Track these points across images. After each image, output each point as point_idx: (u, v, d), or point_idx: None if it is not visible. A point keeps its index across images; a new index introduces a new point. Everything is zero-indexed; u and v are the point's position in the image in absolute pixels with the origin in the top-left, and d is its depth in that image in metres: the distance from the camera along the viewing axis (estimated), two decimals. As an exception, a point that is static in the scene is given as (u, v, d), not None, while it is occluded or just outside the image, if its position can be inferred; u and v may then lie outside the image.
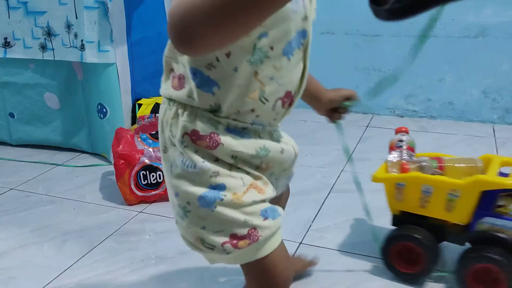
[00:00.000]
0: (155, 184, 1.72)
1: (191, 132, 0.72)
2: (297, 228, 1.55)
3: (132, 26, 2.01)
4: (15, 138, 2.34)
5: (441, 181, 1.17)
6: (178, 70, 0.74)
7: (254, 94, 0.72)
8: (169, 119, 0.75)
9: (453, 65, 2.48)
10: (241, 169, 0.76)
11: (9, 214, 1.73)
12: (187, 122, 0.72)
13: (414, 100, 2.60)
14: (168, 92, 0.76)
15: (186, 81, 0.72)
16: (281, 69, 0.73)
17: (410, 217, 1.25)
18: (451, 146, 2.20)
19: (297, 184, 1.86)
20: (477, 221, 1.15)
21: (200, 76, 0.70)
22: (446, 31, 2.44)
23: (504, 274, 1.09)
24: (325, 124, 2.54)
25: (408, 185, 1.22)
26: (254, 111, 0.74)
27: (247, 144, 0.75)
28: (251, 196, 0.75)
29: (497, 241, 1.12)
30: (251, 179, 0.76)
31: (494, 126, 2.46)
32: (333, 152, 2.12)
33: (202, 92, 0.71)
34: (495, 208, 1.13)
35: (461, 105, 2.53)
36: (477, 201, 1.14)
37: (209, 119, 0.72)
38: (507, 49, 2.37)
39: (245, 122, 0.74)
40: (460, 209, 1.16)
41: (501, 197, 1.13)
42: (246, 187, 0.75)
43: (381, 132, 2.40)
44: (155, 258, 1.42)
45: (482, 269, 1.12)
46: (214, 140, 0.72)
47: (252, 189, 0.76)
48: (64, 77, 2.14)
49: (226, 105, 0.71)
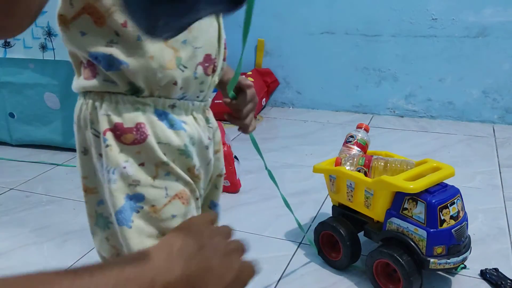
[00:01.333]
0: (155, 184, 1.72)
1: (114, 127, 0.64)
2: (297, 228, 1.55)
3: (132, 26, 2.01)
4: (15, 138, 2.34)
5: (357, 178, 1.25)
6: (85, 59, 0.66)
7: (170, 63, 0.65)
8: (87, 115, 0.66)
9: (453, 65, 2.48)
10: (171, 173, 0.68)
11: (9, 214, 1.73)
12: (108, 114, 0.65)
13: (414, 100, 2.60)
14: (82, 84, 0.67)
15: (97, 67, 0.65)
16: (193, 29, 0.66)
17: (344, 209, 1.36)
18: (451, 146, 2.20)
19: (297, 184, 1.86)
20: (387, 220, 1.21)
21: (103, 58, 0.63)
22: (446, 31, 2.44)
23: (399, 270, 1.17)
24: (325, 124, 2.55)
25: (337, 178, 1.33)
26: (177, 84, 0.67)
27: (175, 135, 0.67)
28: (172, 209, 0.68)
29: (399, 241, 1.19)
30: (179, 187, 0.69)
31: (494, 126, 2.46)
32: (333, 152, 2.11)
33: (114, 74, 0.63)
34: (403, 211, 1.18)
35: (461, 105, 2.53)
36: (389, 201, 1.20)
37: (132, 104, 0.65)
38: (507, 49, 2.37)
39: (172, 98, 0.68)
40: (374, 207, 1.24)
41: (407, 200, 1.17)
42: (169, 198, 0.68)
43: (381, 132, 2.40)
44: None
45: (382, 263, 1.22)
46: (141, 132, 0.65)
47: (176, 200, 0.68)
48: (64, 77, 2.14)
49: (143, 81, 0.64)
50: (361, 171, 1.28)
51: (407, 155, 1.40)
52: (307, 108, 2.81)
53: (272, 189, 1.84)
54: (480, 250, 1.38)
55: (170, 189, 0.68)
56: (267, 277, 1.31)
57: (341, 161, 1.33)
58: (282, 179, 1.92)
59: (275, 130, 2.54)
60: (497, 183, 1.84)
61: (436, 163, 1.25)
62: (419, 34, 2.49)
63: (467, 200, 1.70)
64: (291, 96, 2.84)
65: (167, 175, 0.68)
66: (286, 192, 1.84)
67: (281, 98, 2.87)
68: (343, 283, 1.29)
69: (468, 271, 1.29)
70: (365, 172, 1.27)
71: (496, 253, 1.40)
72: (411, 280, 1.15)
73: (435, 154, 2.10)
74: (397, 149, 2.18)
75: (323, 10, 2.62)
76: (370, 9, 2.54)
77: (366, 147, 1.40)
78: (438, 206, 1.13)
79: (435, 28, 2.45)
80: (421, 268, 1.16)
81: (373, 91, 2.63)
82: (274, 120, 2.67)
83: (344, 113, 2.71)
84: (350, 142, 1.39)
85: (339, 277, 1.31)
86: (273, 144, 2.29)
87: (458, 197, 1.19)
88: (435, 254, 1.14)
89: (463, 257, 1.17)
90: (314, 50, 2.70)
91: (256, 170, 1.98)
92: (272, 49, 2.79)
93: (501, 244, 1.45)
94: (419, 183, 1.14)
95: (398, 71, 2.58)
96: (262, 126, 2.56)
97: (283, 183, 1.88)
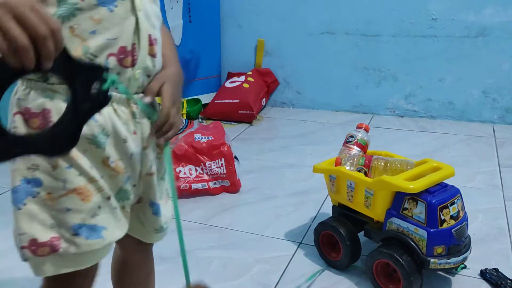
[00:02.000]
0: (155, 184, 1.72)
1: (23, 111, 0.67)
2: (297, 228, 1.55)
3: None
4: (15, 138, 2.34)
5: (357, 178, 1.25)
6: None
7: (76, 51, 0.65)
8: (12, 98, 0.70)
9: (453, 65, 2.48)
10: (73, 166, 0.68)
11: (9, 214, 1.72)
12: (20, 98, 0.68)
13: (414, 100, 2.60)
14: None
15: None
16: (103, 21, 0.67)
17: (344, 209, 1.35)
18: (451, 146, 2.20)
19: (297, 184, 1.86)
20: (388, 220, 1.20)
21: None
22: (446, 31, 2.44)
23: (399, 270, 1.16)
24: (325, 124, 2.55)
25: (337, 178, 1.32)
26: None
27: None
28: (68, 202, 0.68)
29: (399, 241, 1.19)
30: (80, 182, 0.68)
31: (494, 126, 2.46)
32: (333, 152, 2.11)
33: None
34: (403, 211, 1.17)
35: (461, 105, 2.53)
36: (389, 201, 1.20)
37: (44, 90, 0.67)
38: (507, 49, 2.37)
39: None
40: (374, 207, 1.23)
41: (407, 200, 1.16)
42: (65, 191, 0.68)
43: (381, 132, 2.40)
44: (155, 258, 1.42)
45: (382, 263, 1.22)
46: (46, 118, 0.66)
47: (74, 195, 0.68)
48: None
49: None
50: (361, 171, 1.27)
51: (407, 155, 1.40)
52: (307, 108, 2.81)
53: (272, 189, 1.85)
54: (480, 250, 1.38)
55: (68, 183, 0.68)
56: (267, 277, 1.31)
57: (341, 161, 1.32)
58: (282, 179, 1.92)
59: (275, 130, 2.54)
60: (497, 183, 1.84)
61: (436, 163, 1.25)
62: (419, 34, 2.49)
63: (467, 200, 1.70)
64: (291, 96, 2.84)
65: (68, 168, 0.68)
66: (286, 192, 1.85)
67: (281, 98, 2.87)
68: (343, 283, 1.29)
69: (468, 271, 1.29)
70: (365, 172, 1.27)
71: (496, 253, 1.40)
72: (411, 280, 1.15)
73: (435, 154, 2.10)
74: (397, 149, 2.18)
75: (323, 10, 2.62)
76: (370, 9, 2.54)
77: (366, 147, 1.40)
78: (439, 206, 1.12)
79: (435, 28, 2.45)
80: (421, 268, 1.16)
81: (373, 91, 2.63)
82: (274, 120, 2.67)
83: (344, 113, 2.71)
84: (350, 142, 1.39)
85: (339, 277, 1.31)
86: (273, 144, 2.29)
87: (458, 197, 1.19)
88: (435, 254, 1.14)
89: (463, 257, 1.17)
90: (314, 50, 2.70)
91: (256, 170, 1.99)
92: (272, 49, 2.79)
93: (501, 244, 1.45)
94: (419, 183, 1.14)
95: (398, 71, 2.58)
96: (262, 126, 2.56)
97: (283, 183, 1.88)
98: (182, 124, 1.91)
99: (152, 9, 0.75)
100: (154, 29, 0.74)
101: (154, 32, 0.74)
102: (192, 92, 2.69)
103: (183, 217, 1.64)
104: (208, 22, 2.68)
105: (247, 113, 2.53)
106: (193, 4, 2.56)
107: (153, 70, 0.75)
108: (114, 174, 0.73)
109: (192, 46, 2.59)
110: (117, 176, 0.73)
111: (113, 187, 0.74)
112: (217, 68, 2.84)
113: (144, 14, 0.71)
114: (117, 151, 0.72)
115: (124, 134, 0.72)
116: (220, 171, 1.76)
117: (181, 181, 1.73)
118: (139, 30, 0.71)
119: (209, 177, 1.77)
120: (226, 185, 1.78)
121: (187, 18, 2.53)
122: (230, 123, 2.55)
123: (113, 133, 0.71)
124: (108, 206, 0.73)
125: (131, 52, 0.70)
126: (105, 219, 0.73)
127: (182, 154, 1.74)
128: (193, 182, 1.75)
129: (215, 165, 1.75)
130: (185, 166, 1.75)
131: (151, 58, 0.74)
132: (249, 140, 2.35)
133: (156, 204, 0.82)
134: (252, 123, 2.56)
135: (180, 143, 1.76)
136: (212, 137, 1.78)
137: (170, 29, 2.37)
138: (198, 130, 1.84)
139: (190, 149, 1.75)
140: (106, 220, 0.73)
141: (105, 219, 0.72)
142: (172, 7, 2.39)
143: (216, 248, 1.46)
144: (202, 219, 1.61)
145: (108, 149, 0.71)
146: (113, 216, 0.74)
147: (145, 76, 0.74)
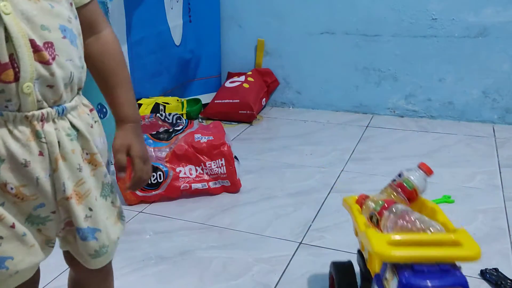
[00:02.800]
0: (155, 184, 1.71)
1: None
2: (297, 228, 1.55)
3: (132, 26, 2.01)
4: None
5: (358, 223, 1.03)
6: None
7: None
8: None
9: (453, 65, 2.48)
10: None
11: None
12: None
13: (414, 100, 2.60)
14: None
15: None
16: None
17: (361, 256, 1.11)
18: (451, 146, 2.20)
19: (297, 184, 1.86)
20: (373, 284, 0.98)
21: None
22: (446, 31, 2.44)
23: None
24: (325, 124, 2.55)
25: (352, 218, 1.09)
26: None
27: None
28: None
29: None
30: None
31: (494, 126, 2.46)
32: (333, 152, 2.12)
33: None
34: (384, 279, 0.92)
35: (461, 105, 2.53)
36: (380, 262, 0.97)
37: None
38: (507, 49, 2.37)
39: None
40: (370, 261, 1.04)
41: (389, 269, 0.90)
42: None
43: (381, 132, 2.40)
44: (155, 258, 1.42)
45: None
46: None
47: None
48: None
49: None
50: (373, 218, 1.03)
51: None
52: (307, 108, 2.81)
53: (272, 189, 1.85)
54: (480, 250, 1.38)
55: None
56: (267, 277, 1.31)
57: (365, 200, 1.10)
58: (282, 179, 1.92)
59: (275, 130, 2.54)
60: (497, 183, 1.84)
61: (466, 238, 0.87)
62: (419, 34, 2.49)
63: (467, 200, 1.70)
64: (291, 96, 2.84)
65: None
66: (286, 192, 1.86)
67: (281, 98, 2.87)
68: (343, 283, 1.29)
69: (468, 271, 1.29)
70: (377, 220, 1.03)
71: (496, 253, 1.40)
72: None
73: (435, 154, 2.10)
74: (397, 149, 2.19)
75: (323, 10, 2.62)
76: (370, 9, 2.54)
77: (413, 193, 1.09)
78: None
79: (435, 28, 2.45)
80: None
81: (373, 91, 2.63)
82: (274, 120, 2.67)
83: (344, 113, 2.71)
84: (394, 181, 1.11)
85: (339, 277, 1.31)
86: (273, 144, 2.29)
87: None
88: None
89: None
90: (314, 50, 2.70)
91: (256, 170, 1.99)
92: (272, 49, 2.79)
93: (501, 244, 1.45)
94: (403, 250, 0.84)
95: (398, 71, 2.59)
96: (262, 126, 2.56)
97: (283, 183, 1.88)
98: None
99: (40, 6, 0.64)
100: (43, 30, 0.64)
101: (43, 34, 0.64)
102: (192, 92, 2.69)
103: (183, 217, 1.64)
104: (208, 22, 2.68)
105: (247, 113, 2.53)
106: (193, 4, 2.56)
107: (55, 79, 0.66)
108: (17, 201, 0.68)
109: (192, 46, 2.59)
110: (23, 202, 0.68)
111: (20, 212, 0.69)
112: (217, 68, 2.84)
113: (19, 16, 0.62)
114: (17, 176, 0.66)
115: (22, 157, 0.66)
116: (220, 171, 1.76)
117: (181, 181, 1.73)
118: (12, 40, 0.61)
119: (209, 177, 1.77)
120: (226, 185, 1.79)
121: (187, 18, 2.53)
122: (230, 123, 2.55)
123: (8, 157, 0.65)
124: (13, 234, 0.68)
125: (9, 64, 0.62)
126: (11, 248, 0.68)
127: (182, 154, 1.75)
128: (193, 182, 1.75)
129: (215, 165, 1.76)
130: (185, 166, 1.75)
131: (44, 66, 0.64)
132: (249, 140, 2.35)
133: (82, 229, 0.75)
134: (252, 123, 2.56)
135: (180, 143, 1.76)
136: (212, 137, 1.78)
137: (170, 29, 2.37)
138: (198, 130, 1.84)
139: (190, 149, 1.75)
140: (11, 249, 0.68)
141: (10, 248, 0.68)
142: (172, 7, 2.39)
143: (216, 248, 1.46)
144: (202, 219, 1.61)
145: (3, 174, 0.65)
146: (22, 244, 0.69)
147: (44, 87, 0.66)
